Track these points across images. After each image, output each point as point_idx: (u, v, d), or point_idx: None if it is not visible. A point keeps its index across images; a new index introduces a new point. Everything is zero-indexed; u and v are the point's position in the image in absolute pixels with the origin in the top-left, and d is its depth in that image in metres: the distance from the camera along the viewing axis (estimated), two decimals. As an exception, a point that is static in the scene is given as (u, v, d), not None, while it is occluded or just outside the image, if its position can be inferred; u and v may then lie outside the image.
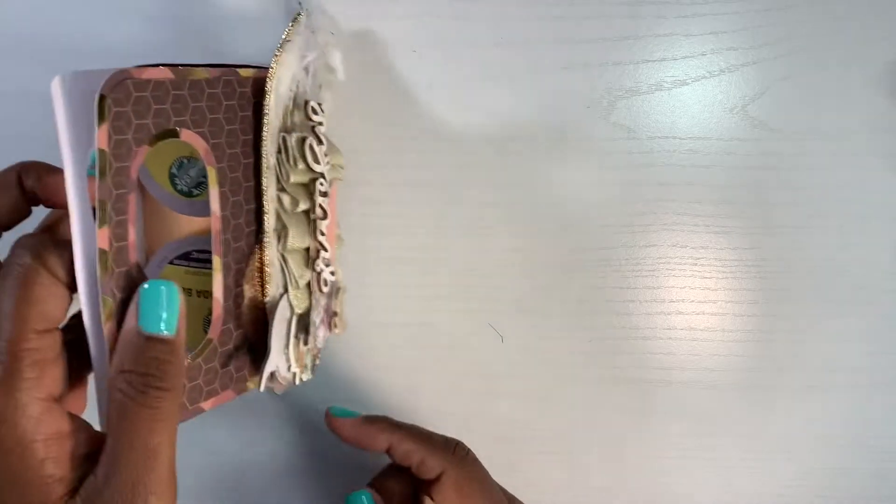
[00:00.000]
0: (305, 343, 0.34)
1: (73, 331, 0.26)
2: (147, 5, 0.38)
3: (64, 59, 0.38)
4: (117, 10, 0.38)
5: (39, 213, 0.41)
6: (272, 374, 0.33)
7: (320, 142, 0.33)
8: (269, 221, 0.32)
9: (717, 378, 0.40)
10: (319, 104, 0.33)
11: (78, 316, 0.26)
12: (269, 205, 0.32)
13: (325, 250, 0.34)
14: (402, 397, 0.41)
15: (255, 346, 0.33)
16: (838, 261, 0.38)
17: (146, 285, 0.25)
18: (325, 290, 0.34)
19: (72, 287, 0.25)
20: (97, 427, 0.26)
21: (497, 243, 0.39)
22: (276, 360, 0.33)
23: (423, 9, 0.37)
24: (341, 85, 0.37)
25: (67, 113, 0.24)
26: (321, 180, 0.33)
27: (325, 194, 0.33)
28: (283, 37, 0.32)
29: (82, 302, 0.25)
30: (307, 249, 0.34)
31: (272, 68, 0.31)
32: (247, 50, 0.37)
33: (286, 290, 0.33)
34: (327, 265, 0.34)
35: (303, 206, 0.33)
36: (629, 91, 0.37)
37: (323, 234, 0.34)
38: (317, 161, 0.32)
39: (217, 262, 0.30)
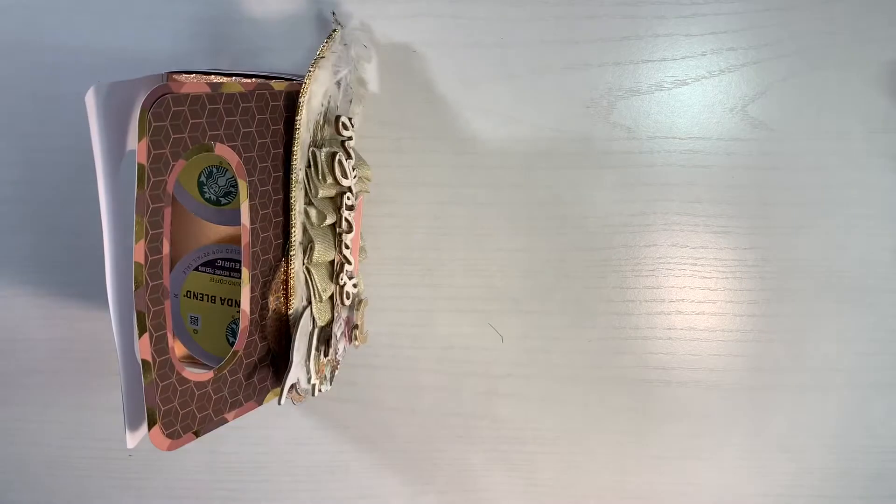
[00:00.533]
0: (326, 355, 0.34)
1: None
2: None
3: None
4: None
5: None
6: (292, 386, 0.33)
7: (349, 156, 0.33)
8: (296, 235, 0.32)
9: (717, 378, 0.40)
10: (350, 119, 0.33)
11: None
12: (297, 218, 0.32)
13: (349, 263, 0.34)
14: (402, 397, 0.41)
15: (277, 358, 0.33)
16: (838, 261, 0.38)
17: None
18: (347, 302, 0.34)
19: None
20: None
21: (497, 243, 0.39)
22: (296, 373, 0.33)
23: (423, 9, 0.37)
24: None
25: (101, 123, 0.24)
26: (348, 194, 0.33)
27: (351, 208, 0.33)
28: (318, 53, 0.32)
29: (112, 314, 0.25)
30: (332, 262, 0.34)
31: (305, 83, 0.31)
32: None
33: (309, 303, 0.33)
34: (350, 278, 0.34)
35: (329, 220, 0.33)
36: (629, 91, 0.37)
37: (347, 246, 0.34)
38: (345, 176, 0.32)
39: (245, 274, 0.31)
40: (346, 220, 0.33)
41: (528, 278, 0.39)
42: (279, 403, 0.33)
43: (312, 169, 0.32)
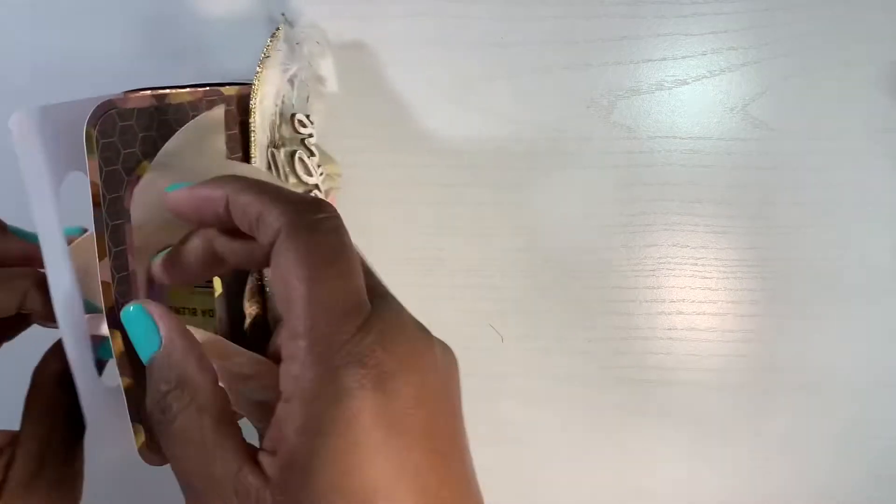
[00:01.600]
0: None
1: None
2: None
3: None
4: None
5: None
6: None
7: (311, 154, 0.33)
8: None
9: (717, 378, 0.40)
10: (307, 115, 0.33)
11: None
12: None
13: None
14: (401, 397, 0.41)
15: None
16: (838, 261, 0.38)
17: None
18: None
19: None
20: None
21: (497, 243, 0.39)
22: None
23: (423, 8, 0.37)
24: (343, 85, 0.37)
25: (35, 150, 0.23)
26: (315, 192, 0.33)
27: None
28: (263, 53, 0.32)
29: (65, 341, 0.24)
30: None
31: (254, 85, 0.31)
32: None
33: None
34: None
35: None
36: (629, 91, 0.37)
37: None
38: (308, 173, 0.32)
39: (218, 282, 0.30)
40: None
41: (528, 278, 0.39)
42: None
43: (273, 170, 0.32)
